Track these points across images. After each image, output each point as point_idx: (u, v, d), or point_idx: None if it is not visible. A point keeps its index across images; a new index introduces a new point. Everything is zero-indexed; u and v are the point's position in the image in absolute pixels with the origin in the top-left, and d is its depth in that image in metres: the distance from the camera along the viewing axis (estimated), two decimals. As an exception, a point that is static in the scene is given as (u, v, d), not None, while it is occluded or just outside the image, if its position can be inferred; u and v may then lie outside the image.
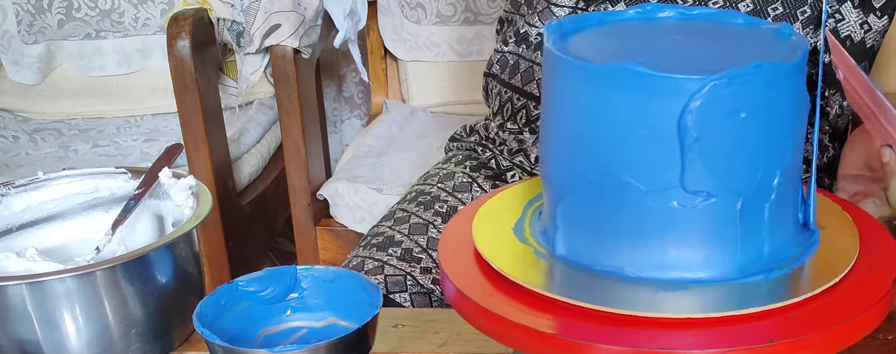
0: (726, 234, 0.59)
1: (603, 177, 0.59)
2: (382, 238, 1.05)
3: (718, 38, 0.64)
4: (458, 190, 1.10)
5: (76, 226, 0.88)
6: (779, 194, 0.59)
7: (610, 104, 0.57)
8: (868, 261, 0.62)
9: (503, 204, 0.72)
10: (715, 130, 0.56)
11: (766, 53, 0.59)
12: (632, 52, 0.60)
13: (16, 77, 1.99)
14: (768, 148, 0.58)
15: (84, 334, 0.75)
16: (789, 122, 0.59)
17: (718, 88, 0.54)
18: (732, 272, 0.59)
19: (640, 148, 0.57)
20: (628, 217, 0.59)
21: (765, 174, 0.58)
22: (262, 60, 1.60)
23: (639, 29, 0.66)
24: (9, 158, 1.77)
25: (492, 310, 0.59)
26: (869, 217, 0.68)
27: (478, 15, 1.83)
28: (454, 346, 0.80)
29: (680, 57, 0.61)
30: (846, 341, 0.57)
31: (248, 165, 1.73)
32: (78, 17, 1.95)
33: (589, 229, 0.61)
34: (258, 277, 0.77)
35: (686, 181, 0.57)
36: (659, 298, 0.58)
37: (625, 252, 0.60)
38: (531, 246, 0.65)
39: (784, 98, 0.57)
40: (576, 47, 0.61)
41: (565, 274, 0.62)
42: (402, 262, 1.00)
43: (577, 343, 0.56)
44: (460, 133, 1.21)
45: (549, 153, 0.63)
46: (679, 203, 0.57)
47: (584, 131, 0.59)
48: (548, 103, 0.62)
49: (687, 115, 0.55)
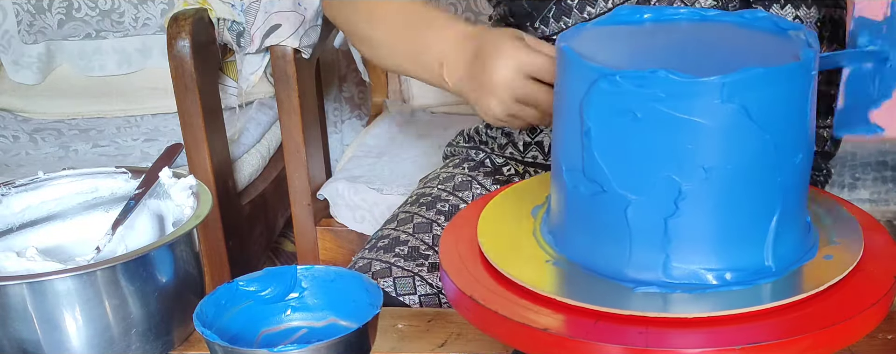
0: (729, 239, 0.59)
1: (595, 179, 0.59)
2: (388, 240, 1.05)
3: (731, 40, 0.64)
4: (458, 189, 1.10)
5: (76, 226, 0.88)
6: (784, 197, 0.59)
7: (604, 103, 0.57)
8: (868, 261, 0.62)
9: (507, 204, 0.72)
10: (708, 133, 0.56)
11: (760, 59, 0.59)
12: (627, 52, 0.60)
13: (16, 77, 1.99)
14: (775, 151, 0.57)
15: (84, 334, 0.75)
16: (791, 126, 0.58)
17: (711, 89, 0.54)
18: (734, 273, 0.59)
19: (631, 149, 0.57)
20: (622, 220, 0.59)
21: (771, 176, 0.58)
22: (262, 60, 1.60)
23: (654, 30, 0.66)
24: (9, 158, 1.77)
25: (492, 310, 0.59)
26: (869, 216, 0.68)
27: (478, 15, 1.83)
28: (454, 346, 0.80)
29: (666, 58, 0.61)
30: (846, 341, 0.57)
31: (248, 165, 1.73)
32: (78, 17, 1.95)
33: (589, 230, 0.61)
34: (258, 277, 0.77)
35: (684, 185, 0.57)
36: (661, 298, 0.58)
37: (622, 253, 0.60)
38: (535, 245, 0.65)
39: (788, 101, 0.57)
40: (585, 47, 0.61)
41: (567, 275, 0.62)
42: (409, 262, 1.00)
43: (578, 342, 0.56)
44: (456, 140, 1.21)
45: (556, 154, 0.63)
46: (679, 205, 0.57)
47: (579, 130, 0.59)
48: (556, 102, 0.63)
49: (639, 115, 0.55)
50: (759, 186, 0.58)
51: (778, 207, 0.59)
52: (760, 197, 0.58)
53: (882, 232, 0.66)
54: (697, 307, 0.57)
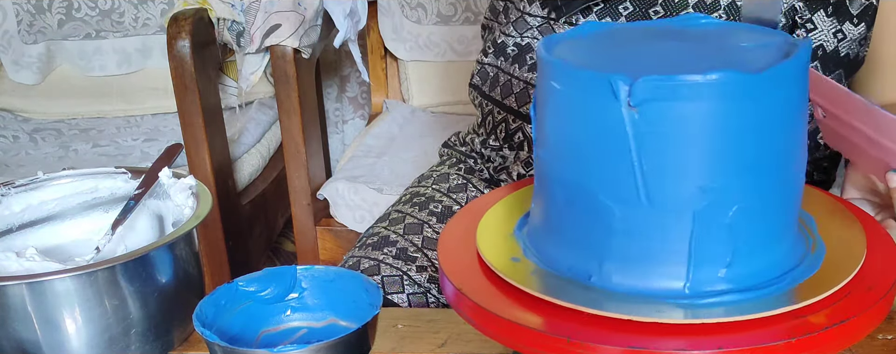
0: (716, 241, 0.58)
1: (573, 186, 0.59)
2: (378, 238, 1.05)
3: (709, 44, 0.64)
4: (452, 191, 1.11)
5: (76, 226, 0.88)
6: (775, 200, 0.59)
7: (579, 109, 0.57)
8: (868, 261, 0.62)
9: (506, 207, 0.72)
10: (685, 138, 0.55)
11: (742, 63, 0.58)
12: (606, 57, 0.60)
13: (16, 77, 1.99)
14: (757, 155, 0.57)
15: (84, 334, 0.75)
16: (780, 130, 0.58)
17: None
18: (733, 276, 0.59)
19: (603, 156, 0.57)
20: (604, 226, 0.59)
21: (754, 181, 0.58)
22: (262, 60, 1.60)
23: (641, 35, 0.66)
24: (9, 158, 1.77)
25: (491, 310, 0.59)
26: (868, 216, 0.68)
27: (478, 15, 1.83)
28: (454, 346, 0.80)
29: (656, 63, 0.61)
30: (846, 342, 0.57)
31: (248, 165, 1.73)
32: (78, 17, 1.95)
33: (575, 237, 0.61)
34: (258, 277, 0.77)
35: (655, 189, 0.56)
36: (662, 302, 0.58)
37: (611, 258, 0.60)
38: (530, 250, 0.65)
39: (779, 105, 0.57)
40: (562, 52, 0.61)
41: (557, 278, 0.62)
42: (398, 261, 1.01)
43: (576, 343, 0.56)
44: (453, 141, 1.21)
45: (539, 161, 0.63)
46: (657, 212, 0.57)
47: (559, 136, 0.59)
48: (537, 109, 0.62)
49: (639, 122, 0.55)
50: (755, 190, 0.58)
51: (774, 210, 0.59)
52: (757, 201, 0.58)
53: (882, 232, 0.66)
54: (693, 311, 0.57)
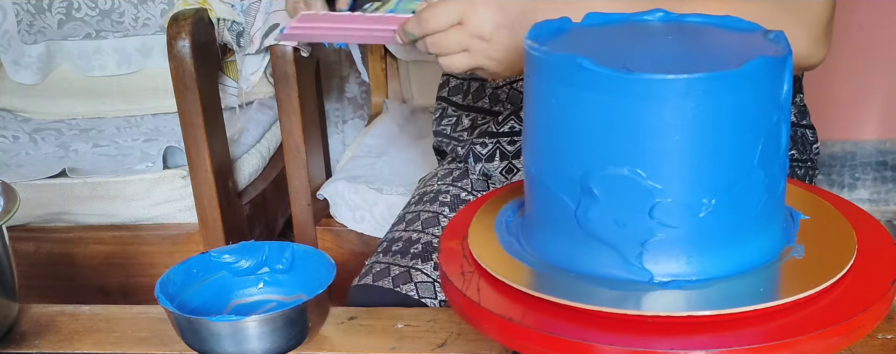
0: (709, 234, 0.58)
1: (566, 180, 0.59)
2: (402, 242, 1.05)
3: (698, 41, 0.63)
4: (457, 180, 1.12)
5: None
6: (764, 192, 0.59)
7: (569, 103, 0.57)
8: (867, 261, 0.62)
9: (501, 206, 0.72)
10: (677, 131, 0.55)
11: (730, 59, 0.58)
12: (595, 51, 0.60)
13: (16, 77, 1.99)
14: (738, 148, 0.57)
15: None
16: (757, 122, 0.58)
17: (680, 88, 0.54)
18: (727, 271, 0.59)
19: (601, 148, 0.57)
20: (598, 220, 0.59)
21: (738, 174, 0.57)
22: (262, 60, 1.60)
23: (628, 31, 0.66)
24: (9, 158, 1.77)
25: (491, 310, 0.59)
26: (868, 216, 0.68)
27: (478, 15, 1.83)
28: (454, 346, 0.80)
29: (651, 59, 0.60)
30: (846, 341, 0.57)
31: (248, 165, 1.73)
32: (78, 17, 1.95)
33: (567, 232, 0.61)
34: (232, 249, 0.82)
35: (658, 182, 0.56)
36: (656, 298, 0.58)
37: (608, 252, 0.60)
38: (524, 247, 0.65)
39: (751, 100, 0.57)
40: (554, 47, 0.61)
41: (553, 275, 0.62)
42: (427, 265, 1.00)
43: (576, 342, 0.56)
44: (438, 141, 1.23)
45: (527, 156, 0.63)
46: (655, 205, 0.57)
47: (548, 132, 0.59)
48: (524, 106, 0.62)
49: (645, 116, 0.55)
50: (738, 185, 0.57)
51: (759, 206, 0.59)
52: (741, 196, 0.58)
53: (882, 231, 0.66)
54: (691, 306, 0.57)
